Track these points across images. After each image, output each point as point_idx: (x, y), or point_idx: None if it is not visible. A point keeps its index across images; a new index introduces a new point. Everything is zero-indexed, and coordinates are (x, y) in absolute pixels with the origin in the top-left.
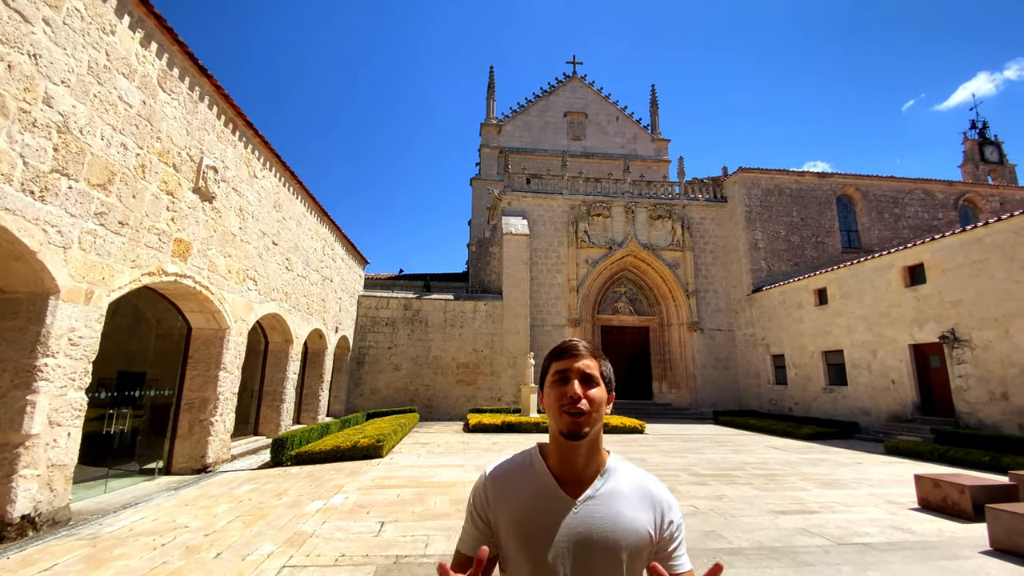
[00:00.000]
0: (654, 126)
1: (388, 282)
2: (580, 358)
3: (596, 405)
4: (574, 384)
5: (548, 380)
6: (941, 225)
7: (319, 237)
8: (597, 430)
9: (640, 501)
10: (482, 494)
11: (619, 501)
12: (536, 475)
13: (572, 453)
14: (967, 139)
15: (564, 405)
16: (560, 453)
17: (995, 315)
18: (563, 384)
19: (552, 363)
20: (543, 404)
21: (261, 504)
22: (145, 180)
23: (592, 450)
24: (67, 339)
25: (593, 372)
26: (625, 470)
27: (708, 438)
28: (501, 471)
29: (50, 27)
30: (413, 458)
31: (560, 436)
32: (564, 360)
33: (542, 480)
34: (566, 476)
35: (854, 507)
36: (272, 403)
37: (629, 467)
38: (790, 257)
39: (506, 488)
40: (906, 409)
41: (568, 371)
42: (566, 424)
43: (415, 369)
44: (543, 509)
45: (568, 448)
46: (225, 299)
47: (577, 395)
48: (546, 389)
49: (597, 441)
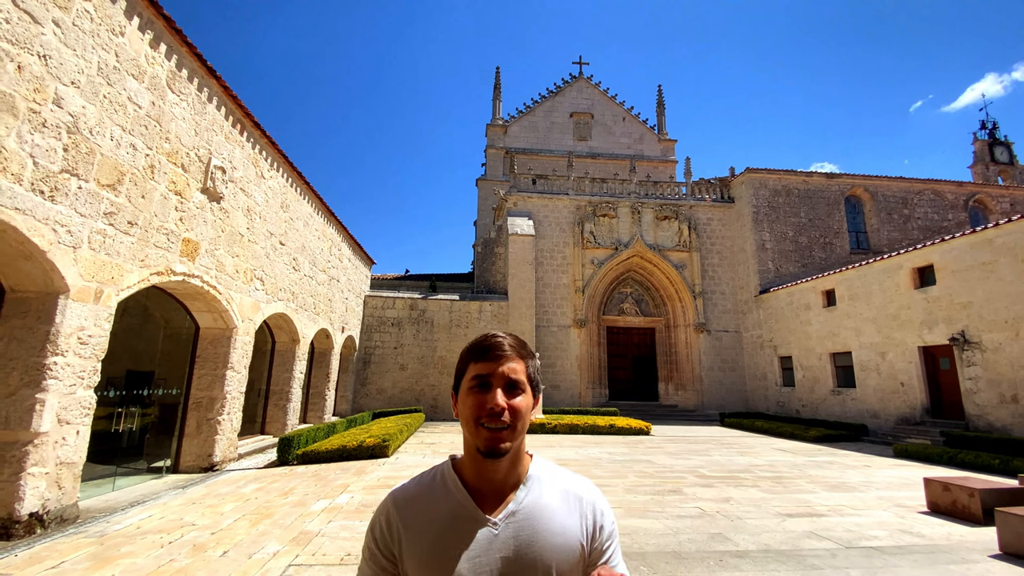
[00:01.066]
0: (660, 126)
1: (394, 282)
2: (504, 360)
3: (520, 415)
4: (496, 393)
5: (464, 385)
6: (951, 226)
7: (326, 237)
8: (519, 443)
9: (568, 509)
10: (383, 525)
11: (546, 513)
12: (449, 494)
13: (491, 469)
14: (977, 140)
15: (482, 418)
16: (477, 469)
17: (1005, 317)
18: (483, 391)
19: (471, 364)
20: (456, 411)
21: (267, 503)
22: (154, 180)
23: (514, 463)
24: (76, 338)
25: (519, 377)
26: (550, 476)
27: (714, 440)
28: (406, 493)
29: (60, 28)
30: (419, 458)
31: (477, 453)
32: (485, 363)
33: (456, 499)
34: (484, 489)
35: (862, 510)
36: (279, 402)
37: (554, 471)
38: (798, 258)
39: (414, 514)
40: (915, 412)
41: (490, 376)
42: (484, 440)
43: (421, 369)
44: (459, 535)
45: (486, 465)
46: (232, 299)
47: (499, 406)
48: (461, 395)
49: (519, 452)
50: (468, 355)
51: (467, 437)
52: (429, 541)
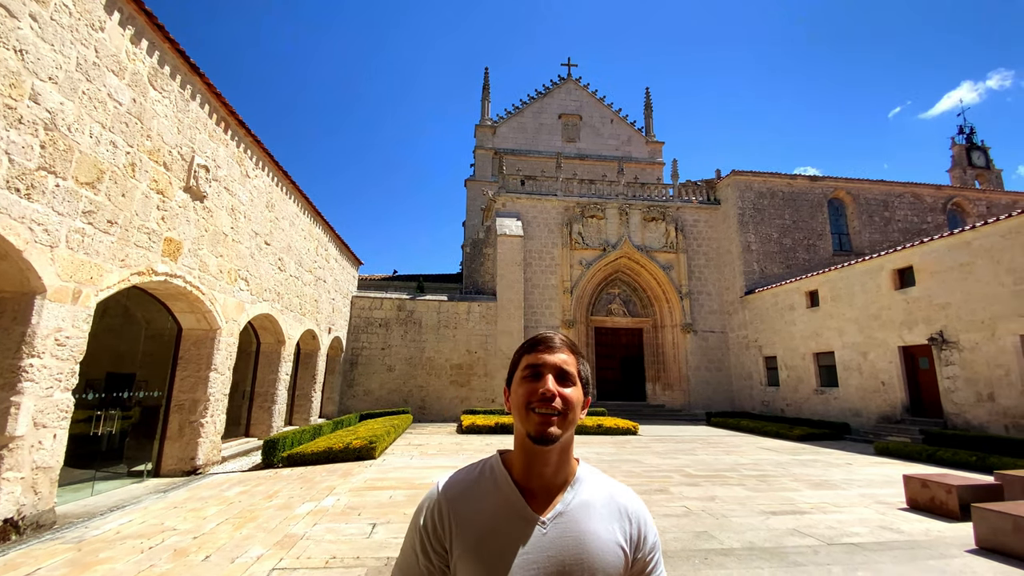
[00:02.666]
0: (648, 129)
1: (382, 283)
2: (555, 351)
3: (571, 406)
4: (547, 380)
5: (517, 376)
6: (930, 228)
7: (312, 237)
8: (569, 436)
9: (613, 516)
10: (435, 516)
11: (592, 517)
12: (498, 488)
13: (540, 460)
14: (955, 144)
15: (533, 403)
16: (526, 461)
17: (982, 317)
18: (534, 380)
19: (524, 356)
20: (508, 404)
21: (251, 506)
22: (135, 179)
23: (563, 457)
24: (54, 339)
25: (570, 369)
26: (596, 481)
27: (701, 439)
28: (456, 484)
29: (37, 23)
30: (406, 460)
31: (527, 439)
32: (537, 353)
33: (504, 494)
34: (533, 487)
35: (844, 507)
36: (264, 404)
37: (601, 477)
38: (782, 260)
39: (463, 505)
40: (896, 410)
41: (541, 366)
42: (535, 425)
43: (409, 370)
44: (507, 529)
45: (536, 454)
46: (216, 299)
47: (551, 392)
48: (514, 386)
49: (568, 448)
50: (521, 350)
51: (518, 427)
52: (478, 535)
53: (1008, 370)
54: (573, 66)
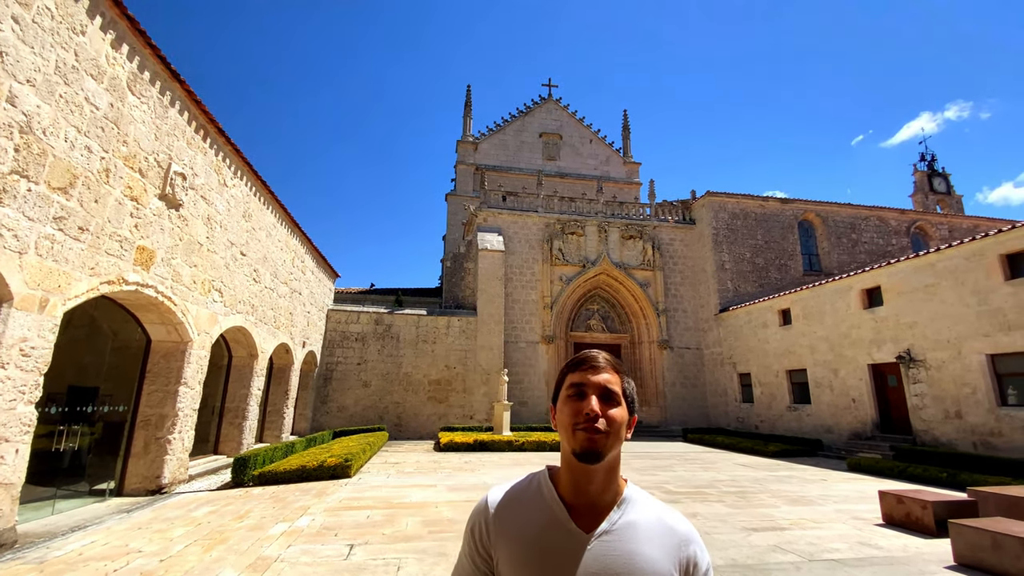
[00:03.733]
0: (626, 150)
1: (359, 296)
2: (600, 371)
3: (616, 426)
4: (591, 400)
5: (562, 395)
6: (895, 250)
7: (289, 249)
8: (616, 454)
9: (662, 539)
10: (482, 524)
11: (639, 538)
12: (544, 503)
13: (586, 478)
14: (917, 171)
15: (579, 423)
16: (573, 478)
17: (948, 337)
18: (579, 400)
19: (568, 375)
20: (555, 422)
21: (221, 527)
22: (109, 185)
23: (609, 476)
24: (18, 349)
25: (615, 388)
26: (646, 501)
27: (678, 456)
28: (505, 496)
29: (18, 24)
30: (383, 478)
31: (573, 457)
32: (581, 372)
33: (551, 509)
34: (579, 505)
35: (823, 523)
36: (234, 420)
37: (650, 499)
38: (755, 278)
39: (510, 517)
40: (866, 427)
41: (585, 385)
42: (581, 442)
43: (385, 386)
44: (552, 544)
45: (582, 472)
46: (189, 310)
47: (595, 412)
48: (559, 404)
49: (615, 467)
50: (566, 368)
51: (564, 446)
52: (523, 547)
53: (975, 388)
54: (554, 87)
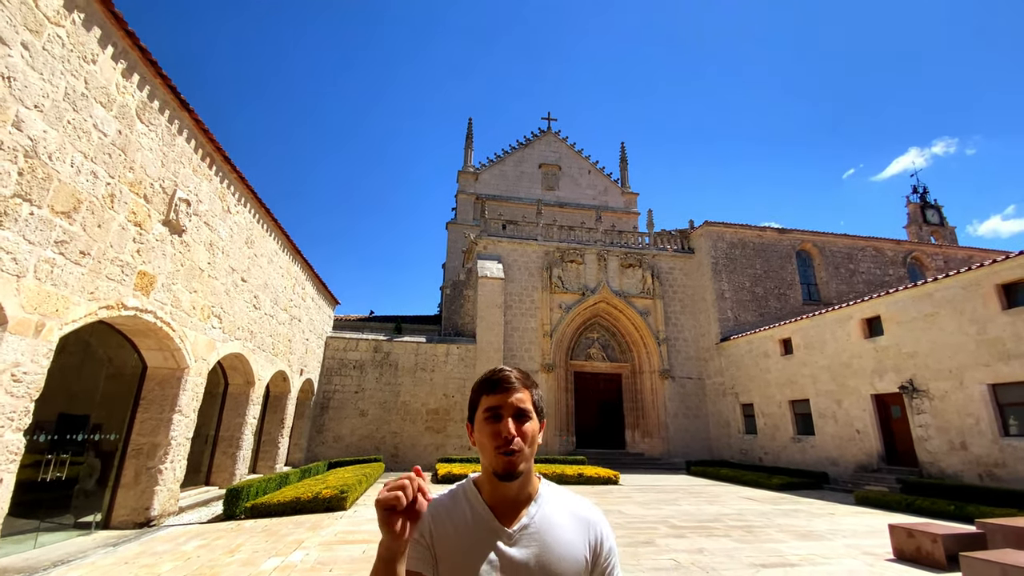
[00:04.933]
0: (624, 180)
1: (358, 323)
2: (512, 392)
3: (530, 440)
4: (507, 422)
5: (479, 416)
6: (892, 280)
7: (290, 275)
8: (530, 464)
9: (575, 526)
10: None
11: (554, 527)
12: (471, 505)
13: (505, 487)
14: (910, 202)
15: (499, 446)
16: (493, 487)
17: (949, 367)
18: (496, 422)
19: (483, 397)
20: (472, 440)
21: (211, 562)
22: (113, 210)
23: (525, 481)
24: (10, 374)
25: (526, 405)
26: (556, 495)
27: (683, 489)
28: (438, 501)
29: (28, 51)
30: None
31: (494, 476)
32: (496, 395)
33: (477, 511)
34: (500, 505)
35: (833, 559)
36: (227, 450)
37: (560, 492)
38: (755, 308)
39: (443, 518)
40: (872, 459)
41: (500, 407)
42: (501, 465)
43: (382, 415)
44: (479, 542)
45: (502, 485)
46: (187, 336)
47: (511, 435)
48: (477, 424)
49: (529, 472)
50: (480, 388)
51: (484, 462)
52: (454, 545)
53: (978, 419)
54: (553, 120)
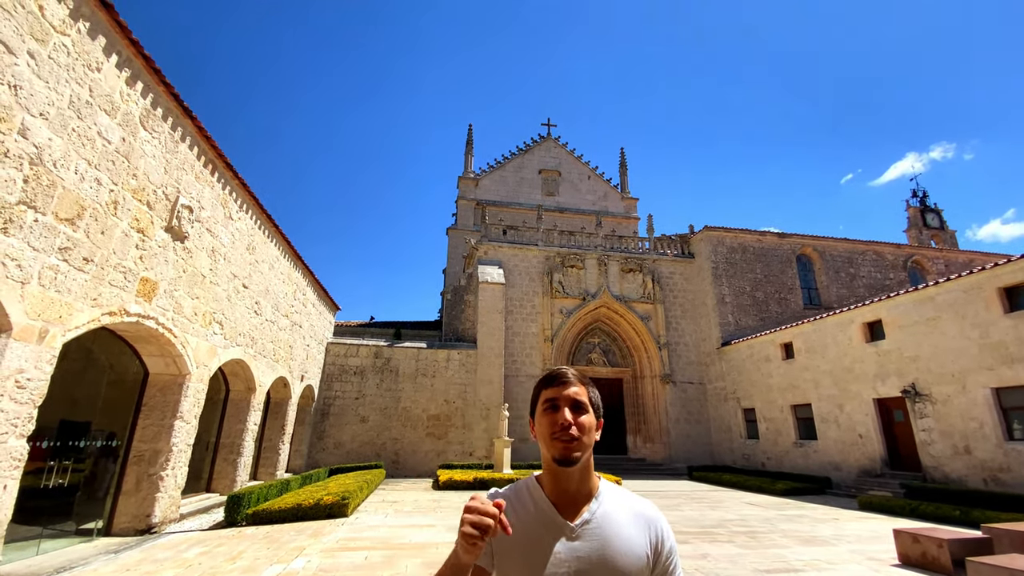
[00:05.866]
0: (623, 185)
1: (358, 329)
2: (569, 385)
3: (586, 431)
4: (564, 412)
5: (539, 408)
6: (893, 284)
7: (291, 281)
8: (588, 456)
9: (636, 524)
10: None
11: (615, 524)
12: (534, 500)
13: (565, 478)
14: (910, 206)
15: (555, 433)
16: (554, 479)
17: (952, 371)
18: (553, 412)
19: (542, 391)
20: (534, 433)
21: (212, 569)
22: (116, 216)
23: (584, 475)
24: (13, 381)
25: (582, 399)
26: (617, 493)
27: (685, 495)
28: (501, 494)
29: (34, 60)
30: (381, 518)
31: (553, 463)
32: (554, 388)
33: (539, 505)
34: (561, 501)
35: (837, 564)
36: (228, 457)
37: (620, 490)
38: (756, 312)
39: (505, 511)
40: (875, 464)
41: (558, 399)
42: (558, 450)
43: (383, 421)
44: (541, 533)
45: (562, 474)
46: (188, 343)
47: (568, 422)
48: (537, 417)
49: (588, 466)
50: (540, 384)
51: (544, 453)
52: (515, 538)
53: (982, 423)
54: (552, 126)
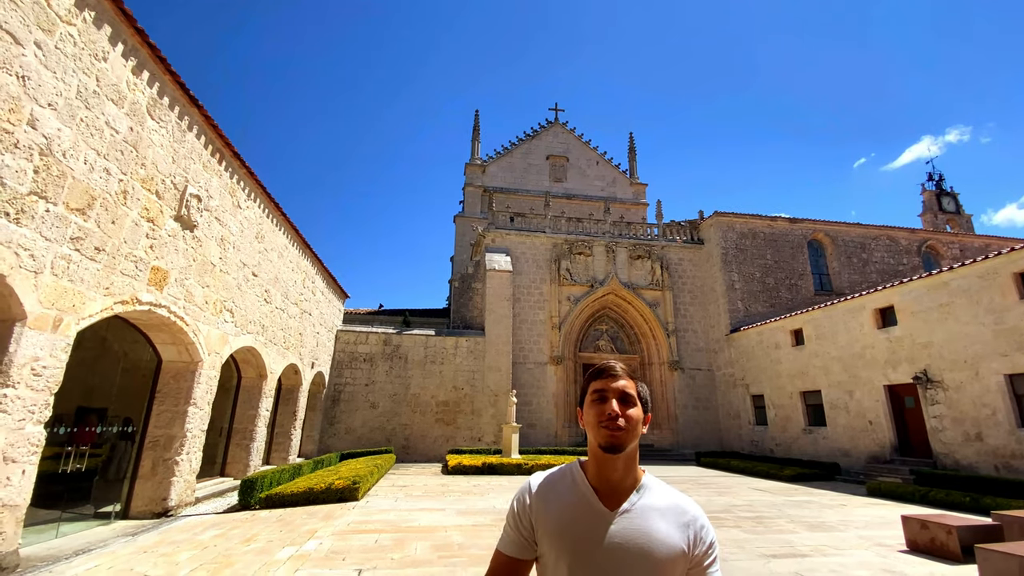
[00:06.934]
0: (632, 171)
1: (367, 317)
2: (618, 379)
3: (634, 423)
4: (612, 403)
5: (588, 399)
6: (906, 270)
7: (300, 270)
8: (634, 447)
9: (675, 517)
10: (524, 500)
11: (655, 516)
12: (576, 486)
13: (609, 467)
14: (925, 190)
15: (603, 421)
16: (598, 467)
17: (964, 357)
18: (602, 403)
19: (591, 383)
20: (583, 422)
21: (227, 551)
22: (126, 206)
23: (628, 466)
24: (30, 369)
25: (631, 392)
26: (660, 487)
27: (692, 480)
28: (545, 480)
29: (41, 50)
30: (391, 501)
31: (599, 449)
32: (602, 380)
33: (581, 491)
34: (604, 489)
35: (844, 550)
36: (241, 442)
37: (664, 485)
38: (766, 298)
39: (548, 497)
40: (884, 450)
41: (606, 390)
42: (605, 437)
43: (393, 407)
44: (581, 518)
45: (606, 461)
46: (200, 331)
47: (615, 412)
48: (586, 407)
49: (633, 458)
50: (590, 377)
51: (591, 441)
52: (557, 521)
53: (994, 410)
54: (560, 111)
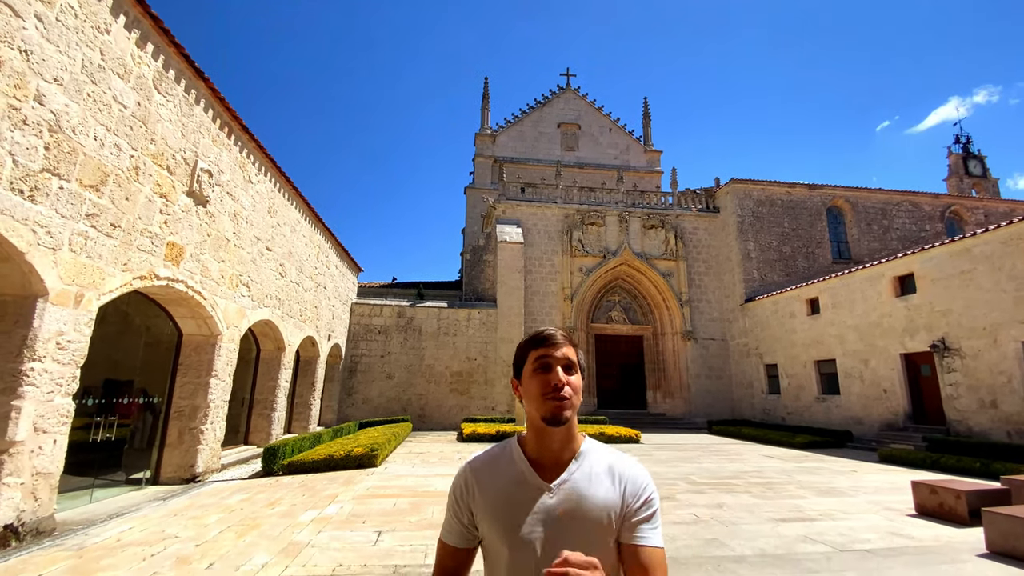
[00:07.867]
0: (646, 138)
1: (381, 290)
2: (560, 346)
3: (576, 390)
4: (558, 371)
5: (528, 368)
6: (928, 236)
7: (313, 244)
8: (574, 416)
9: (609, 478)
10: (463, 484)
11: (592, 482)
12: (514, 463)
13: (550, 439)
14: (951, 153)
15: (548, 393)
16: (538, 440)
17: (984, 324)
18: (545, 372)
19: (531, 351)
20: (519, 393)
21: (253, 514)
22: (139, 182)
23: (568, 435)
24: (55, 343)
25: (574, 359)
26: (599, 451)
27: (703, 447)
28: (481, 460)
29: (42, 23)
30: (408, 468)
31: (542, 422)
32: (544, 347)
33: (519, 468)
34: (545, 462)
35: (853, 514)
36: (263, 412)
37: (603, 448)
38: (782, 267)
39: (486, 476)
40: (898, 418)
41: (549, 359)
42: (550, 410)
43: (408, 378)
44: (519, 494)
45: (547, 434)
46: (217, 305)
47: (562, 382)
48: (525, 378)
49: (572, 426)
50: (528, 345)
51: (531, 413)
52: (497, 501)
53: (1010, 377)
54: (572, 76)
